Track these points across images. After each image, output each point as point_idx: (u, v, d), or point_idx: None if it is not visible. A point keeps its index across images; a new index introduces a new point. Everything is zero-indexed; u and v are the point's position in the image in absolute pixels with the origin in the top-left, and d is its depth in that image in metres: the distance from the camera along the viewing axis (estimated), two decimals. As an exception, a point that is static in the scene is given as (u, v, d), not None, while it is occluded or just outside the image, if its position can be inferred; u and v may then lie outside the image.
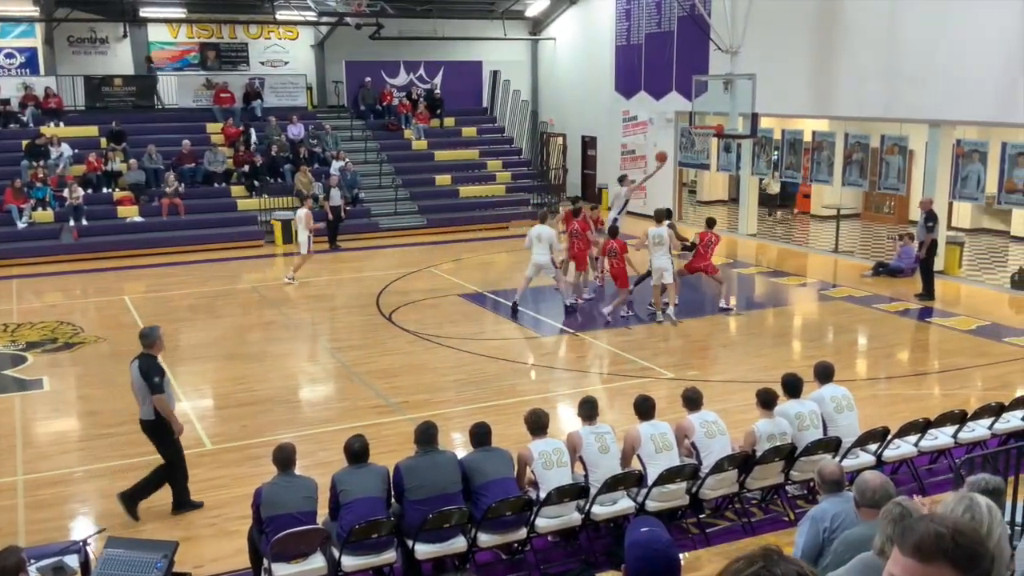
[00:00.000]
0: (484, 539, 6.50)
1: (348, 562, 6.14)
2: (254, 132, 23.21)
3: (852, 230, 21.77)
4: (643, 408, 7.22)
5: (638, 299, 14.56)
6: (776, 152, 20.27)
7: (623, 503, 6.95)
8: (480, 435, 6.74)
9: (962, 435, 8.23)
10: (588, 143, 27.48)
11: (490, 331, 13.73)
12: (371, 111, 25.58)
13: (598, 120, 26.13)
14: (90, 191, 20.56)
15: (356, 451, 6.42)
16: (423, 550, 6.33)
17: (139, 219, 20.43)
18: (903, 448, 7.96)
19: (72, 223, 19.53)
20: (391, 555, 6.32)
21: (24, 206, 19.52)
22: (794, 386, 7.68)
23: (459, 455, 6.85)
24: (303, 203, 17.69)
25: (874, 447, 7.80)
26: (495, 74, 27.96)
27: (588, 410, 7.12)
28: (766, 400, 7.42)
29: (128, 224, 20.31)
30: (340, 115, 25.57)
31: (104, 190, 20.86)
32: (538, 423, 6.91)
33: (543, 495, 6.58)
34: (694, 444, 7.28)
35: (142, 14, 24.53)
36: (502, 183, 24.46)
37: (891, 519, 3.58)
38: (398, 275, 17.26)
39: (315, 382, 11.78)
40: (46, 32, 23.89)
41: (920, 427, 7.98)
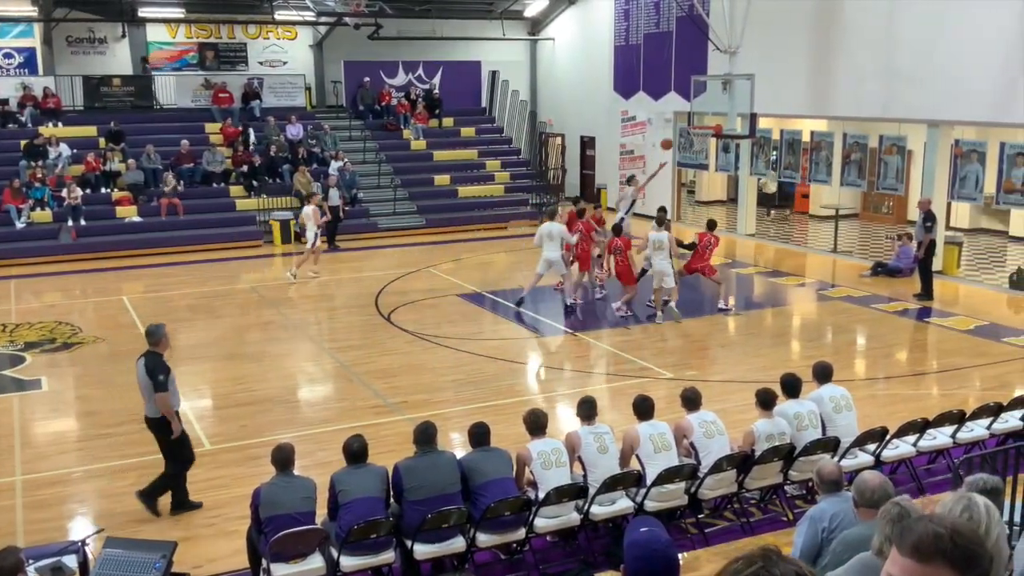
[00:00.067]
0: (483, 539, 6.51)
1: (347, 562, 6.14)
2: (253, 132, 23.21)
3: (851, 230, 21.77)
4: (642, 408, 7.23)
5: (638, 298, 14.55)
6: (775, 152, 20.28)
7: (622, 503, 6.96)
8: (479, 435, 6.74)
9: (960, 435, 8.24)
10: (587, 143, 27.48)
11: (489, 331, 13.73)
12: (370, 111, 25.58)
13: (597, 120, 26.12)
14: (88, 191, 20.55)
15: (355, 451, 6.43)
16: (422, 550, 6.33)
17: (138, 219, 20.43)
18: (902, 448, 7.97)
19: (70, 223, 19.53)
20: (390, 555, 6.32)
21: (23, 206, 19.51)
22: (793, 386, 7.68)
23: (458, 455, 6.86)
24: (310, 200, 17.78)
25: (873, 447, 7.81)
26: (494, 74, 27.95)
27: (587, 410, 7.12)
28: (765, 400, 7.42)
29: (127, 224, 20.30)
30: (339, 115, 25.56)
31: (103, 190, 20.85)
32: (537, 423, 6.91)
33: (542, 495, 6.59)
34: (693, 444, 7.28)
35: (140, 14, 24.51)
36: (501, 183, 24.46)
37: (889, 519, 3.58)
38: (397, 275, 17.26)
39: (314, 382, 11.78)
40: (45, 32, 23.88)
41: (919, 427, 7.99)
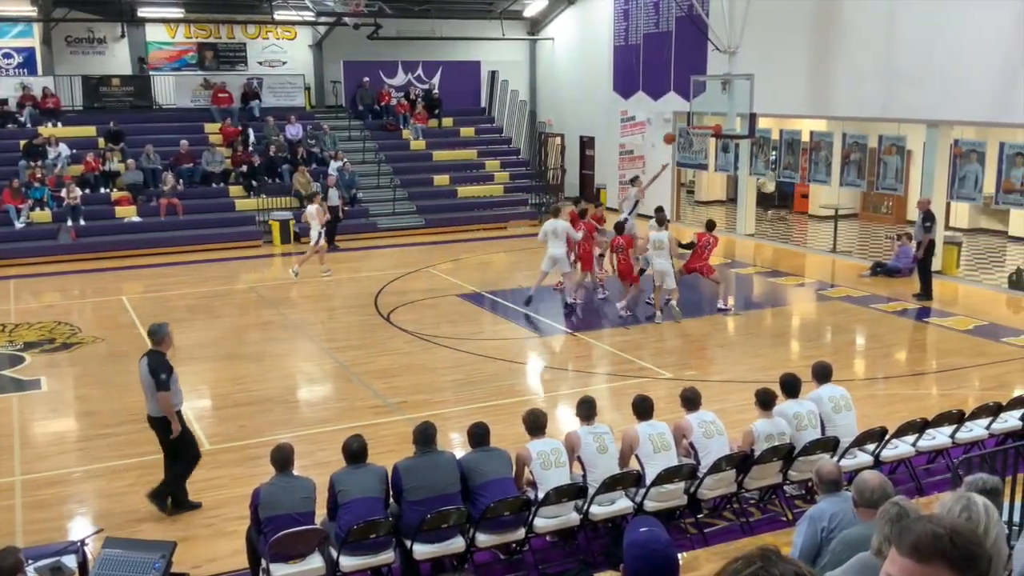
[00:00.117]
0: (482, 539, 6.51)
1: (346, 562, 6.14)
2: (252, 132, 23.19)
3: (850, 230, 21.77)
4: (641, 408, 7.23)
5: (640, 297, 14.56)
6: (774, 152, 20.28)
7: (621, 503, 6.96)
8: (478, 435, 6.74)
9: (960, 435, 8.24)
10: (586, 143, 27.48)
11: (488, 331, 13.73)
12: (369, 111, 25.57)
13: (596, 120, 26.11)
14: (88, 191, 20.54)
15: (354, 451, 6.43)
16: (421, 550, 6.33)
17: (137, 219, 20.42)
18: (901, 448, 7.97)
19: (70, 223, 19.52)
20: (389, 555, 6.32)
21: (22, 206, 19.50)
22: (792, 386, 7.68)
23: (457, 455, 6.87)
24: (313, 199, 17.84)
25: (872, 447, 7.81)
26: (493, 74, 27.94)
27: (586, 410, 7.12)
28: (765, 400, 7.42)
29: (126, 224, 20.30)
30: (338, 115, 25.56)
31: (102, 190, 20.84)
32: (536, 423, 6.91)
33: (541, 495, 6.59)
34: (692, 444, 7.28)
35: (140, 14, 24.51)
36: (500, 183, 24.45)
37: (888, 519, 3.59)
38: (396, 275, 17.26)
39: (313, 382, 11.78)
40: (44, 32, 23.88)
41: (918, 427, 7.99)
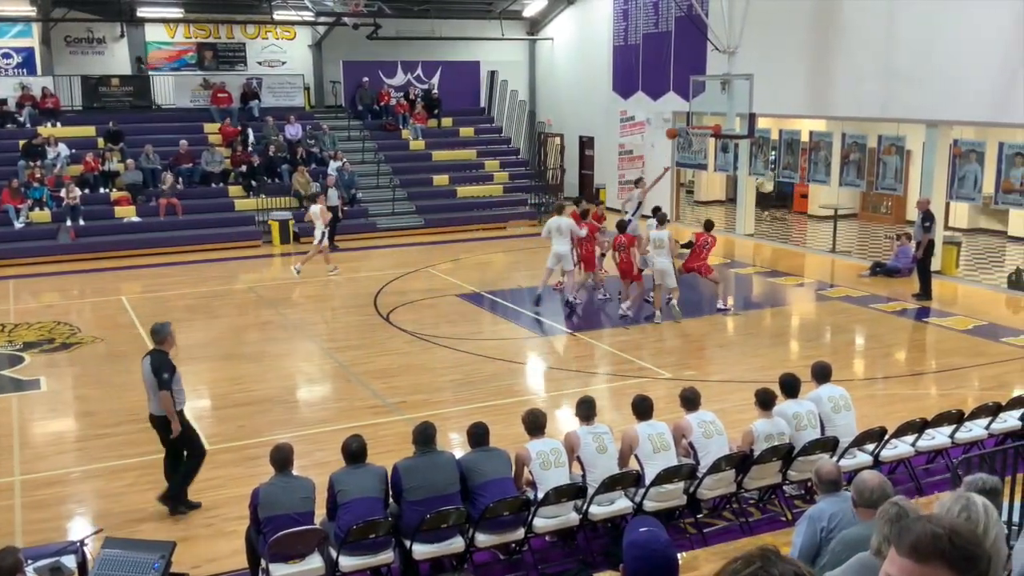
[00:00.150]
0: (482, 539, 6.51)
1: (346, 562, 6.14)
2: (251, 132, 23.18)
3: (849, 230, 21.77)
4: (641, 408, 7.23)
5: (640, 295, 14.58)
6: (773, 152, 20.28)
7: (621, 503, 6.96)
8: (478, 435, 6.74)
9: (959, 435, 8.24)
10: (586, 143, 27.47)
11: (488, 331, 13.73)
12: (368, 111, 25.56)
13: (595, 120, 26.11)
14: (87, 191, 20.53)
15: (354, 451, 6.42)
16: (421, 550, 6.33)
17: (136, 219, 20.42)
18: (900, 448, 7.97)
19: (69, 223, 19.51)
20: (389, 555, 6.32)
21: (21, 206, 19.50)
22: (792, 386, 7.68)
23: (457, 455, 6.87)
24: (316, 199, 17.87)
25: (871, 447, 7.81)
26: (493, 74, 27.94)
27: (586, 410, 7.12)
28: (765, 400, 7.41)
29: (125, 224, 20.29)
30: (338, 115, 25.55)
31: (101, 190, 20.82)
32: (535, 423, 6.91)
33: (541, 495, 6.58)
34: (692, 444, 7.28)
35: (139, 14, 24.50)
36: (499, 183, 24.45)
37: (888, 519, 3.59)
38: (396, 275, 17.25)
39: (312, 382, 11.77)
40: (43, 32, 23.86)
41: (917, 427, 7.99)
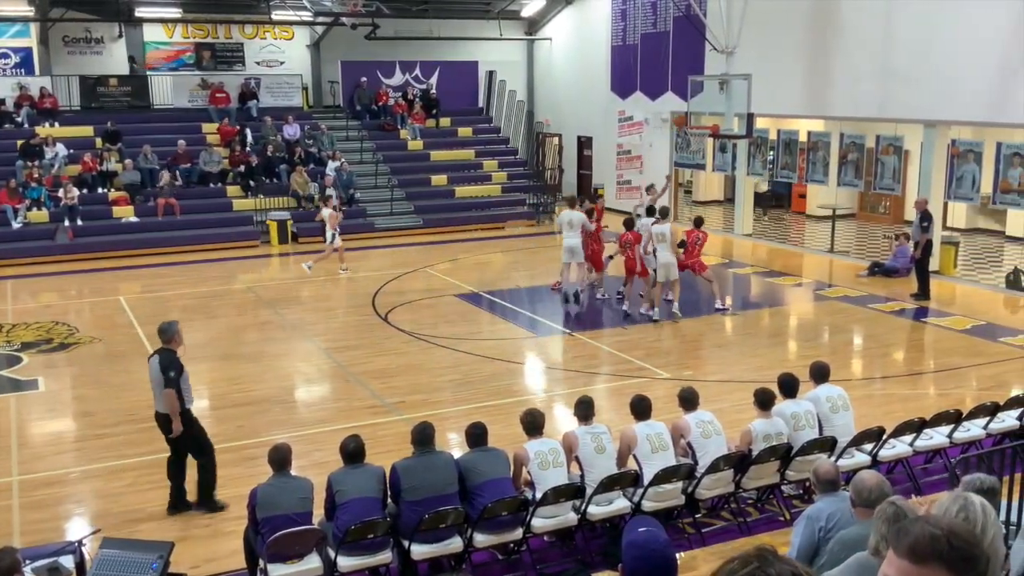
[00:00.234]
0: (480, 539, 6.51)
1: (344, 562, 6.14)
2: (250, 132, 23.16)
3: (847, 230, 21.78)
4: (639, 408, 7.23)
5: (635, 298, 14.59)
6: (772, 152, 20.28)
7: (619, 503, 6.95)
8: (476, 435, 6.73)
9: (957, 435, 8.24)
10: (584, 143, 27.46)
11: (486, 331, 13.73)
12: (367, 111, 25.55)
13: (594, 120, 26.12)
14: (85, 191, 20.51)
15: (351, 451, 6.42)
16: (419, 550, 6.33)
17: (134, 219, 20.40)
18: (898, 448, 7.97)
19: (67, 223, 19.49)
20: (387, 555, 6.32)
21: (19, 206, 19.48)
22: (790, 386, 7.68)
23: (455, 455, 6.87)
24: (327, 202, 17.95)
25: (869, 447, 7.82)
26: (491, 74, 27.93)
27: (584, 410, 7.12)
28: (764, 400, 7.41)
29: (123, 224, 20.28)
30: (336, 115, 25.53)
31: (99, 190, 20.80)
32: (534, 423, 6.91)
33: (539, 495, 6.58)
34: (690, 444, 7.28)
35: (137, 14, 24.48)
36: (498, 183, 24.44)
37: (885, 519, 3.59)
38: (394, 275, 17.24)
39: (311, 382, 11.76)
40: (41, 32, 23.83)
41: (915, 427, 8.00)
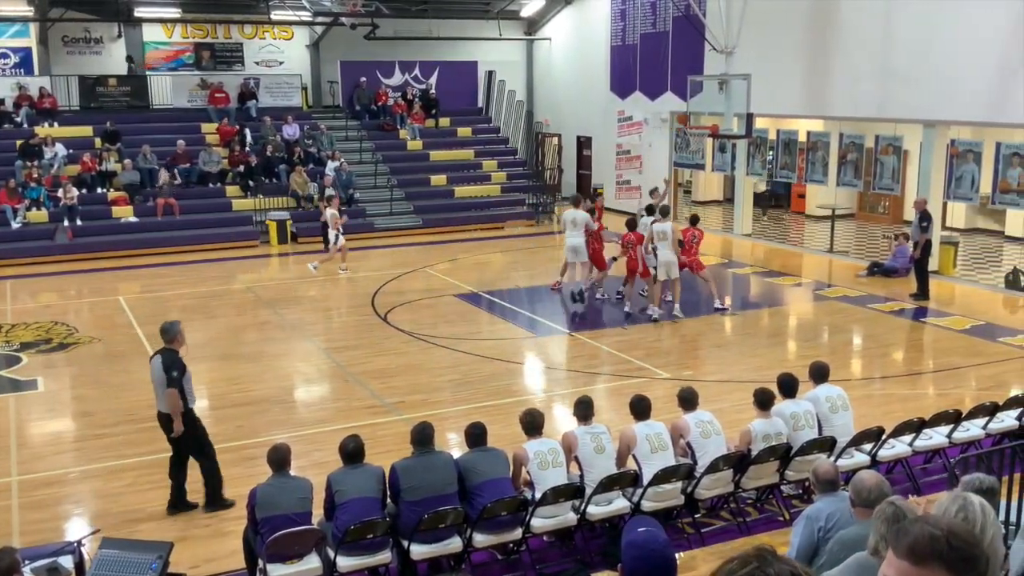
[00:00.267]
0: (479, 539, 6.51)
1: (343, 562, 6.14)
2: (249, 132, 23.16)
3: (847, 230, 21.78)
4: (639, 408, 7.23)
5: (636, 298, 14.59)
6: (771, 152, 20.29)
7: (618, 503, 6.95)
8: (476, 435, 6.74)
9: (956, 435, 8.24)
10: (583, 143, 27.47)
11: (485, 331, 13.73)
12: (366, 111, 25.54)
13: (593, 120, 26.12)
14: (84, 191, 20.51)
15: (351, 451, 6.42)
16: (418, 550, 6.33)
17: (134, 219, 20.40)
18: (898, 448, 7.98)
19: (66, 223, 19.48)
20: (386, 555, 6.32)
21: (18, 206, 19.48)
22: (789, 386, 7.69)
23: (455, 455, 6.87)
24: (331, 202, 17.94)
25: (869, 447, 7.82)
26: (490, 74, 27.93)
27: (583, 410, 7.12)
28: (763, 401, 7.41)
29: (123, 224, 20.27)
30: (335, 115, 25.53)
31: (99, 190, 20.80)
32: (533, 423, 6.91)
33: (538, 495, 6.58)
34: (689, 444, 7.28)
35: (136, 14, 24.48)
36: (497, 183, 24.44)
37: (884, 518, 3.59)
38: (393, 275, 17.24)
39: (310, 382, 11.76)
40: (40, 32, 23.82)
41: (915, 427, 8.00)
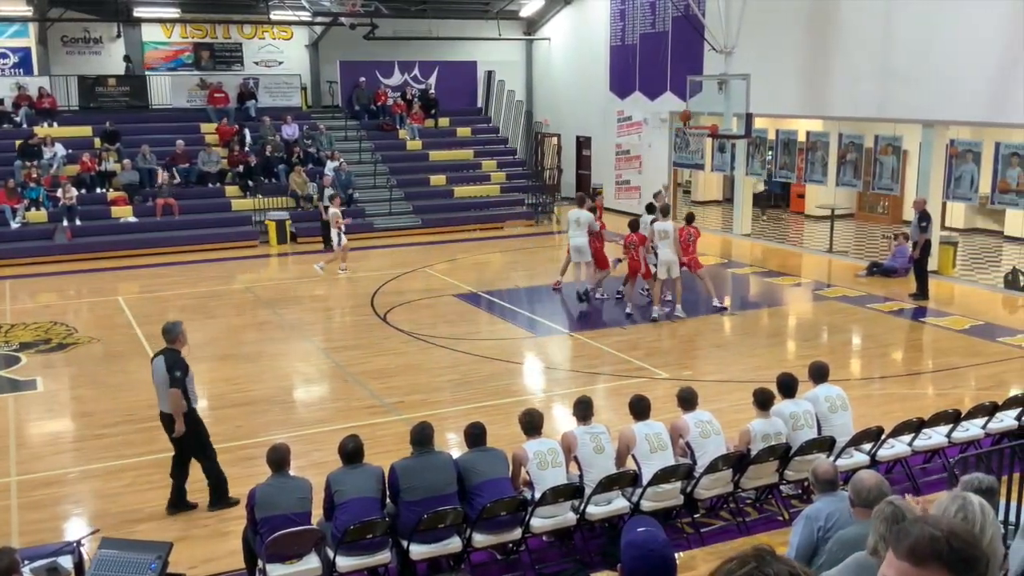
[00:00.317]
0: (479, 539, 6.51)
1: (343, 562, 6.14)
2: (248, 132, 23.16)
3: (846, 230, 21.79)
4: (638, 408, 7.23)
5: (636, 298, 14.58)
6: (770, 152, 20.29)
7: (618, 503, 6.96)
8: (475, 435, 6.74)
9: (956, 434, 8.24)
10: (583, 143, 27.46)
11: (485, 331, 13.73)
12: (365, 111, 25.53)
13: (592, 120, 26.12)
14: (84, 191, 20.50)
15: (350, 451, 6.42)
16: (418, 550, 6.33)
17: (133, 219, 20.39)
18: (897, 448, 7.98)
19: (66, 223, 19.47)
20: (386, 555, 6.32)
21: (17, 206, 19.47)
22: (789, 386, 7.69)
23: (454, 455, 6.87)
24: (333, 201, 17.90)
25: (868, 447, 7.82)
26: (490, 74, 27.93)
27: (583, 410, 7.12)
28: (763, 401, 7.41)
29: (122, 224, 20.26)
30: (335, 115, 25.52)
31: (98, 190, 20.79)
32: (532, 423, 6.91)
33: (538, 495, 6.58)
34: (689, 444, 7.28)
35: (136, 14, 24.46)
36: (497, 183, 24.44)
37: (883, 518, 3.59)
38: (393, 275, 17.24)
39: (309, 382, 11.76)
40: (40, 32, 23.82)
41: (914, 427, 8.00)
